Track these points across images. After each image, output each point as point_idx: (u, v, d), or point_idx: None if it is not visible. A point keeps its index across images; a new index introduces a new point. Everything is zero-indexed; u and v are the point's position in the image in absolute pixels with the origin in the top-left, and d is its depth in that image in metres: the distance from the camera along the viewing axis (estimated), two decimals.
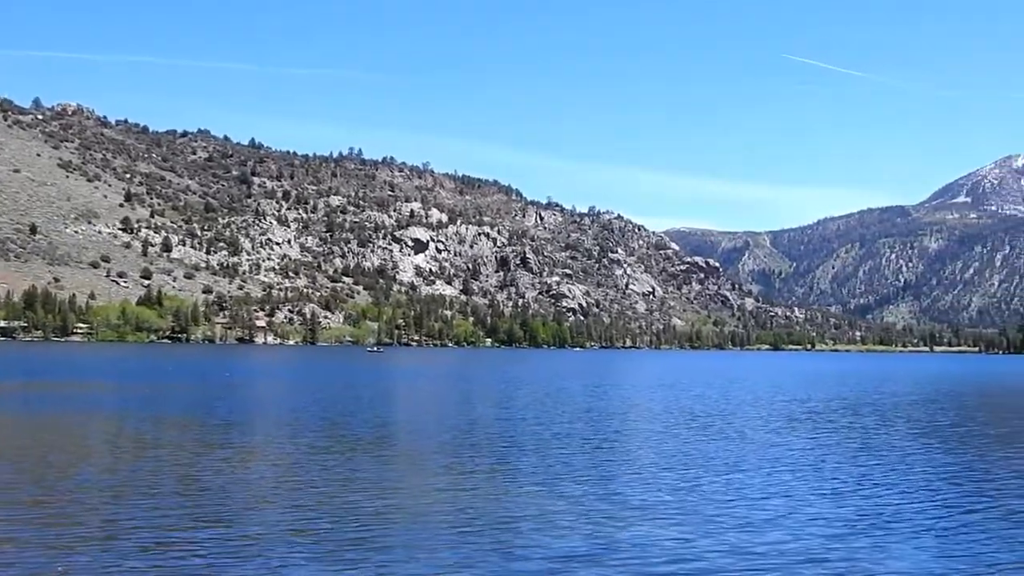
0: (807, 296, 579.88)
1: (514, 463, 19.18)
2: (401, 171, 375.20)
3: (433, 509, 14.13)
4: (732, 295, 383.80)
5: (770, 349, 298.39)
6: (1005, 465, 20.08)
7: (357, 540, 12.08)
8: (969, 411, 37.50)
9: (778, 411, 34.50)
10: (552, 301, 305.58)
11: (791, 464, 19.62)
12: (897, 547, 12.03)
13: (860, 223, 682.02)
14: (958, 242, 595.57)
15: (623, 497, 15.36)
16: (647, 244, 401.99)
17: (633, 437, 24.66)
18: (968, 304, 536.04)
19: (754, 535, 12.68)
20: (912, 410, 37.31)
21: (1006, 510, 14.67)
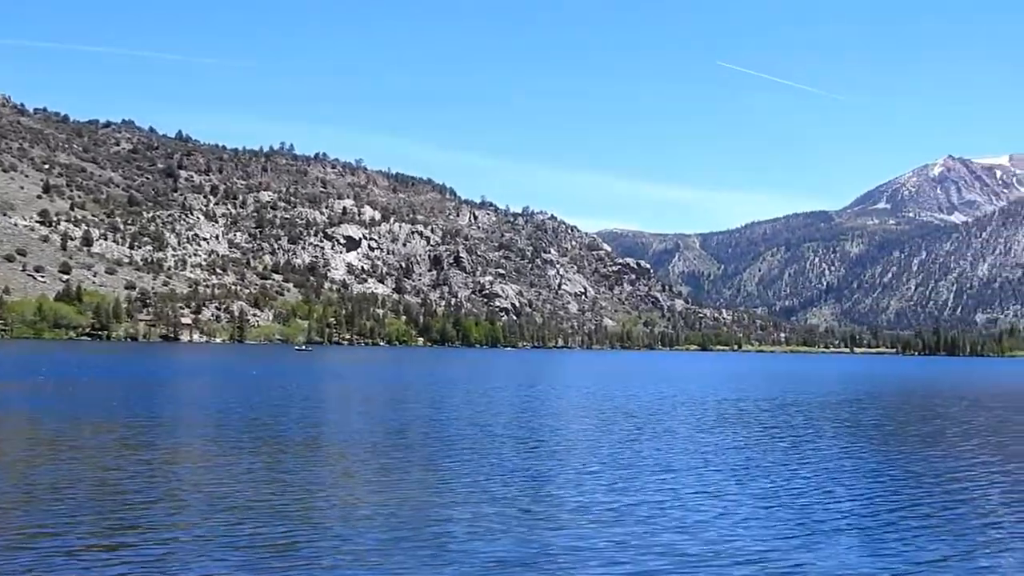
0: (735, 298, 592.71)
1: (447, 464, 18.90)
2: (334, 168, 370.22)
3: (363, 513, 13.78)
4: (662, 296, 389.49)
5: (698, 349, 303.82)
6: (928, 464, 20.64)
7: (284, 546, 11.69)
8: (891, 411, 38.64)
9: (709, 411, 34.96)
10: (485, 301, 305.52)
11: (723, 464, 19.79)
12: (828, 546, 12.16)
13: (786, 227, 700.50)
14: (878, 247, 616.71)
15: (558, 499, 15.24)
16: (580, 245, 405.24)
17: (567, 438, 24.61)
18: (886, 307, 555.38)
19: (689, 536, 12.69)
20: (838, 410, 38.25)
21: (931, 509, 15.01)
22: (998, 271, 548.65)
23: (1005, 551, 12.09)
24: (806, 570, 11.02)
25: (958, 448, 23.86)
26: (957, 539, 12.74)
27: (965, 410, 39.62)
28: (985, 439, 26.45)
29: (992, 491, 16.88)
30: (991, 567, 11.26)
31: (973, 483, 17.82)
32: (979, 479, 18.36)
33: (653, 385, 56.52)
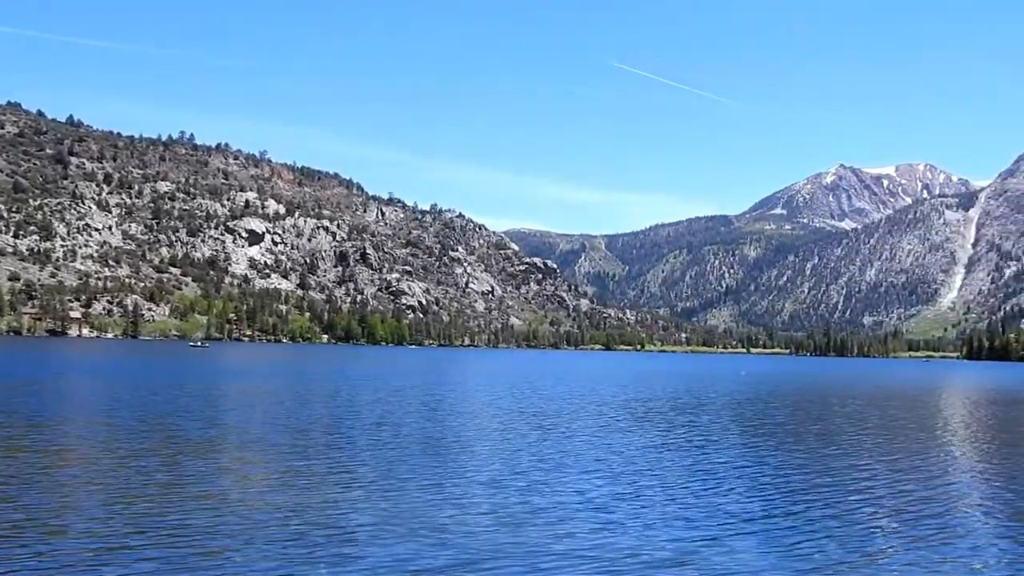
0: (638, 298, 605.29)
1: (351, 466, 18.09)
2: (236, 159, 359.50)
3: (265, 517, 12.90)
4: (568, 296, 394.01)
5: (603, 349, 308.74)
6: (831, 463, 20.96)
7: (179, 554, 10.78)
8: (792, 410, 39.58)
9: (617, 410, 35.03)
10: (392, 298, 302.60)
11: (634, 464, 19.61)
12: (742, 547, 11.99)
13: (688, 230, 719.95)
14: (774, 251, 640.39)
15: (467, 501, 14.68)
16: (487, 244, 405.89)
17: (476, 438, 24.06)
18: (781, 309, 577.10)
19: (603, 538, 12.32)
20: (741, 409, 38.95)
21: (838, 508, 15.10)
22: (884, 276, 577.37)
23: (909, 547, 12.18)
24: (721, 570, 10.81)
25: (859, 446, 24.43)
26: (864, 536, 12.79)
27: (860, 408, 40.98)
28: (881, 437, 27.22)
29: (893, 488, 17.18)
30: (895, 563, 11.29)
31: (875, 480, 18.14)
32: (881, 476, 18.73)
33: (560, 384, 56.63)
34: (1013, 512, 15.02)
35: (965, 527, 13.66)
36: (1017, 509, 15.29)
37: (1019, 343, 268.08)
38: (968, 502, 15.90)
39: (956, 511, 14.95)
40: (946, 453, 23.63)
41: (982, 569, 11.26)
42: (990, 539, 12.90)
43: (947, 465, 21.07)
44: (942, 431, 30.89)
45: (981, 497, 16.49)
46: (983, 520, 14.27)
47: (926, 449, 24.35)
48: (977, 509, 15.22)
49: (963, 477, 19.27)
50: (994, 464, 21.58)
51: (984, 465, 21.38)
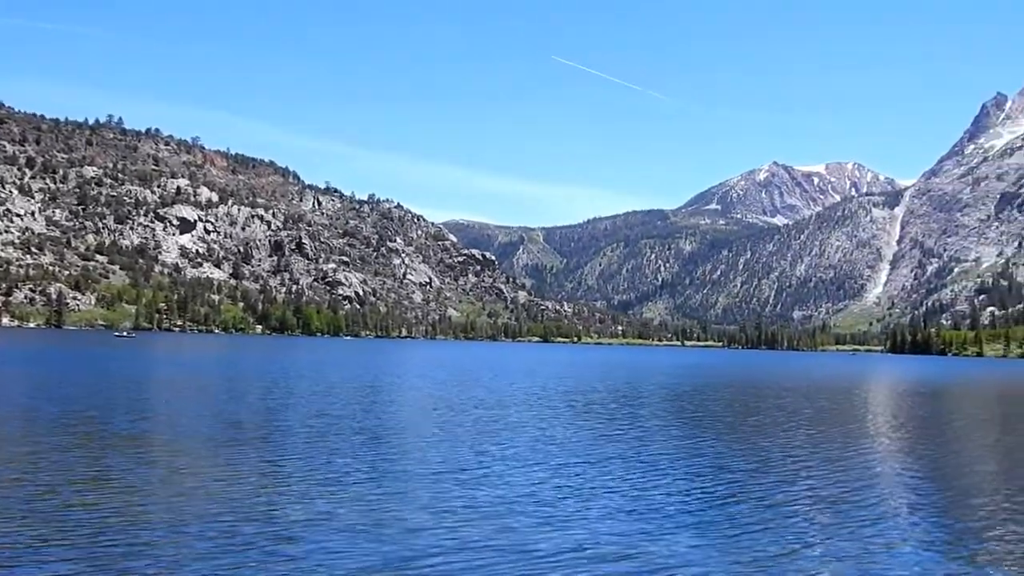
0: (576, 291, 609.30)
1: (289, 460, 17.60)
2: (167, 144, 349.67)
3: (196, 513, 12.41)
4: (506, 288, 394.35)
5: (540, 341, 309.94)
6: (771, 454, 21.23)
7: (105, 552, 10.29)
8: (729, 402, 40.16)
9: (557, 402, 35.03)
10: (328, 288, 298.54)
11: (575, 457, 19.55)
12: (684, 540, 11.99)
13: (625, 224, 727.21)
14: (709, 246, 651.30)
15: (407, 496, 14.39)
16: (426, 234, 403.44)
17: (415, 431, 23.72)
18: (715, 303, 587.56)
19: (546, 533, 12.19)
20: (680, 401, 39.34)
21: (778, 500, 15.25)
22: (813, 271, 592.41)
23: (843, 537, 12.34)
24: (662, 563, 10.77)
25: (794, 438, 24.83)
26: (801, 527, 12.92)
27: (794, 401, 41.81)
28: (815, 428, 27.74)
29: (828, 479, 17.45)
30: (830, 553, 11.42)
31: (811, 471, 18.42)
32: (816, 467, 19.02)
33: (500, 376, 56.49)
34: (939, 499, 15.40)
35: (894, 515, 13.92)
36: (940, 496, 15.69)
37: (939, 337, 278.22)
38: (897, 491, 16.24)
39: (887, 500, 15.24)
40: (877, 444, 24.21)
41: (911, 554, 11.47)
42: (917, 526, 13.17)
43: (878, 456, 21.55)
44: (871, 422, 31.68)
45: (909, 486, 16.87)
46: (911, 509, 14.57)
47: (857, 440, 24.90)
48: (905, 498, 15.55)
49: (893, 467, 19.72)
50: (921, 454, 22.17)
51: (911, 455, 21.95)
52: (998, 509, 14.68)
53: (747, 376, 72.27)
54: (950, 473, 18.88)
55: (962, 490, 16.73)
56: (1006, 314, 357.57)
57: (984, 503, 15.23)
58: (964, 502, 15.40)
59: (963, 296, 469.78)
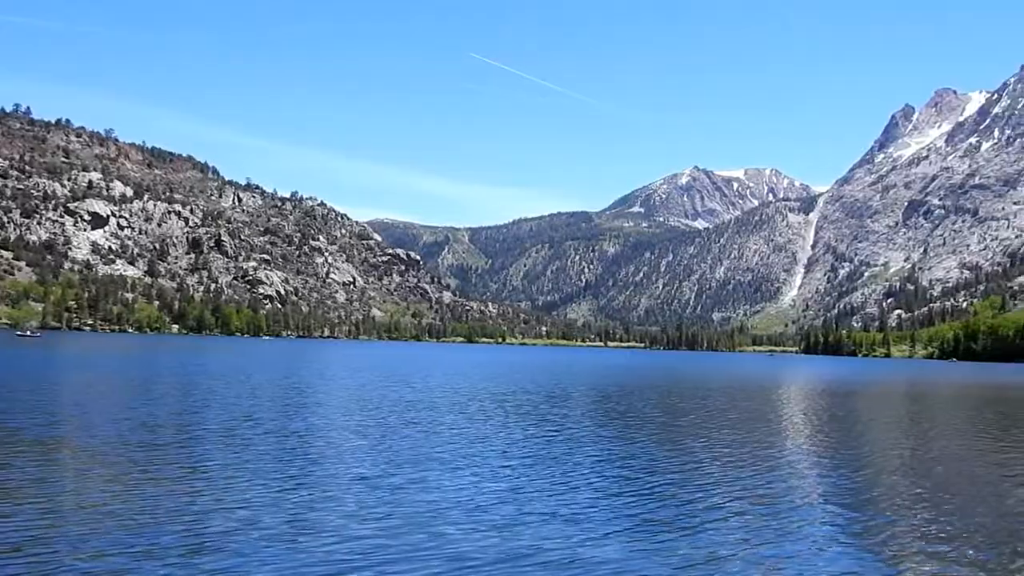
0: (500, 292, 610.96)
1: (208, 465, 16.74)
2: (79, 136, 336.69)
3: (109, 523, 11.59)
4: (431, 288, 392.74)
5: (464, 341, 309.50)
6: (702, 455, 21.25)
7: (10, 565, 9.46)
8: (657, 402, 40.38)
9: (488, 403, 34.63)
10: (248, 287, 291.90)
11: (507, 459, 19.20)
12: (614, 544, 11.76)
13: (550, 225, 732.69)
14: (632, 248, 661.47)
15: (333, 502, 13.79)
16: (350, 233, 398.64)
17: (343, 433, 22.97)
18: (638, 304, 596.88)
19: (477, 538, 11.79)
20: (609, 401, 39.39)
21: (710, 502, 15.17)
22: (732, 274, 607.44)
23: (775, 539, 12.30)
24: (600, 568, 10.51)
25: (725, 437, 24.99)
26: (738, 528, 12.84)
27: (721, 401, 42.39)
28: (744, 428, 28.03)
29: (759, 479, 17.50)
30: (766, 554, 11.34)
31: (742, 472, 18.45)
32: (748, 467, 19.08)
33: (426, 377, 55.78)
34: (860, 495, 15.56)
35: (821, 513, 13.99)
36: (862, 492, 15.88)
37: (850, 339, 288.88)
38: (822, 489, 16.38)
39: (812, 498, 15.34)
40: (802, 443, 24.58)
41: (839, 553, 11.47)
42: (843, 524, 13.24)
43: (803, 455, 21.86)
44: (795, 422, 32.26)
45: (835, 484, 17.04)
46: (838, 506, 14.67)
47: (783, 439, 25.26)
48: (831, 496, 15.66)
49: (817, 466, 19.98)
50: (842, 452, 22.55)
51: (833, 453, 22.29)
52: (915, 503, 14.92)
53: (672, 377, 73.24)
54: (870, 470, 19.20)
55: (881, 486, 16.97)
56: (912, 316, 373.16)
57: (902, 498, 15.46)
58: (884, 498, 15.59)
59: (872, 299, 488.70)
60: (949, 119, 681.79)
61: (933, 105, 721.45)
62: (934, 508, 14.87)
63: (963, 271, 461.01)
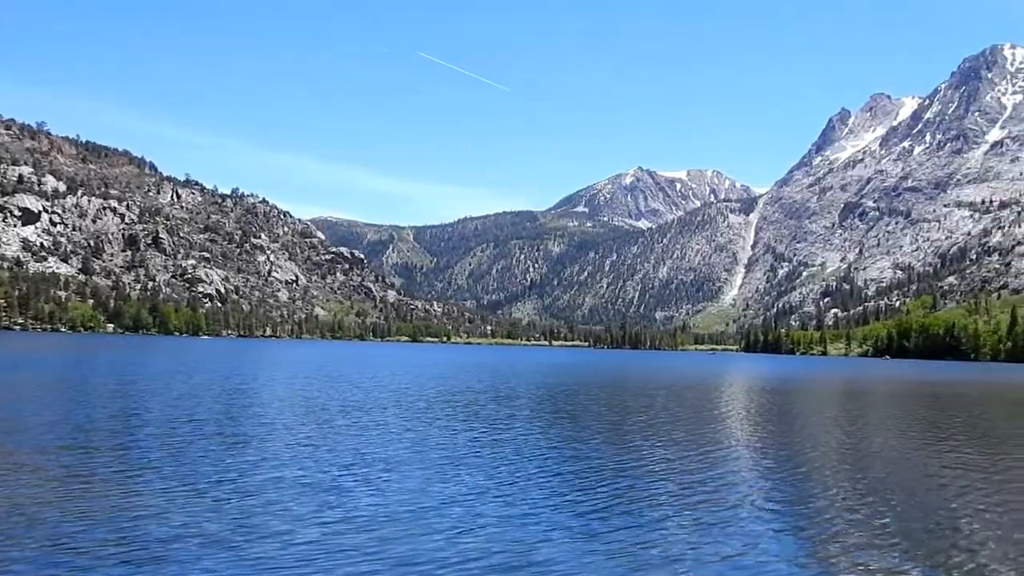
0: (445, 291, 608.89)
1: (148, 470, 16.19)
2: (8, 129, 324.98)
3: (42, 533, 11.08)
4: (375, 287, 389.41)
5: (409, 341, 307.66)
6: (653, 453, 21.32)
7: None
8: (606, 401, 40.54)
9: (438, 403, 34.33)
10: (187, 286, 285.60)
11: (458, 460, 19.01)
12: (568, 545, 11.68)
13: (495, 224, 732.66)
14: (576, 247, 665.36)
15: (283, 506, 13.44)
16: (292, 231, 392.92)
17: (290, 435, 22.46)
18: (582, 303, 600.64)
19: (430, 542, 11.60)
20: (558, 401, 39.39)
21: (660, 502, 15.19)
22: (675, 273, 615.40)
23: (735, 539, 12.36)
24: (550, 570, 10.42)
25: (676, 436, 25.15)
26: (691, 528, 12.87)
27: (668, 399, 42.78)
28: (693, 426, 28.26)
29: (715, 479, 17.62)
30: (714, 552, 11.38)
31: (693, 470, 18.56)
32: (695, 467, 19.20)
33: (372, 376, 55.16)
34: (802, 496, 15.79)
35: (768, 511, 14.13)
36: (802, 492, 16.12)
37: (788, 337, 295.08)
38: (769, 486, 16.56)
39: (751, 496, 15.49)
40: (745, 441, 24.89)
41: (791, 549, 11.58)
42: (782, 524, 13.39)
43: (746, 453, 22.13)
44: (741, 419, 32.70)
45: (784, 481, 17.25)
46: (785, 503, 14.85)
47: (729, 439, 25.54)
48: (780, 492, 15.85)
49: (764, 462, 20.20)
50: (789, 449, 22.91)
51: (776, 451, 22.63)
52: (853, 498, 15.19)
53: (618, 375, 73.74)
54: (809, 467, 19.49)
55: (820, 482, 17.23)
56: (848, 316, 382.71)
57: (840, 493, 15.73)
58: (823, 494, 15.82)
59: (810, 298, 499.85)
60: (883, 123, 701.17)
61: (868, 109, 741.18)
62: (871, 502, 15.15)
63: (896, 271, 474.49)
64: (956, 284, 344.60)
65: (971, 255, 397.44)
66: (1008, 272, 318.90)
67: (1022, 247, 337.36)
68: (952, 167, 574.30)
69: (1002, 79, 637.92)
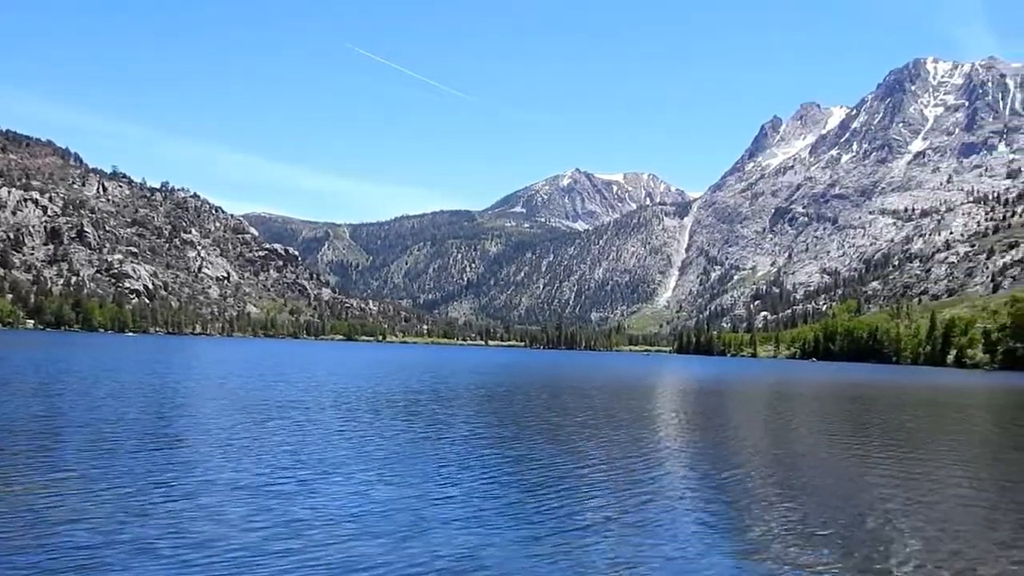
0: (382, 289, 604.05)
1: (73, 476, 15.50)
2: None
3: None
4: (310, 284, 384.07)
5: (344, 339, 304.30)
6: (596, 455, 21.34)
7: None
8: (547, 401, 40.55)
9: (377, 403, 33.84)
10: (113, 281, 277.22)
11: (398, 462, 18.68)
12: (513, 548, 11.57)
13: (432, 223, 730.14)
14: (514, 248, 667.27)
15: (217, 513, 13.00)
16: (224, 227, 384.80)
17: (223, 438, 21.80)
18: (519, 304, 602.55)
19: (374, 547, 11.34)
20: (500, 401, 39.25)
21: (605, 503, 15.19)
22: (610, 275, 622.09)
23: (670, 541, 12.41)
24: (498, 572, 10.31)
25: (619, 437, 25.22)
26: (640, 530, 12.88)
27: (607, 400, 43.03)
28: (634, 427, 28.43)
29: (643, 478, 17.68)
30: (650, 553, 11.41)
31: (637, 471, 18.61)
32: (635, 467, 19.27)
33: (308, 376, 54.21)
34: (733, 494, 16.01)
35: (691, 510, 14.27)
36: (733, 490, 16.35)
37: (720, 339, 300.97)
38: (697, 487, 16.73)
39: (685, 495, 15.63)
40: (678, 441, 25.14)
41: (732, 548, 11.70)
42: (713, 521, 13.54)
43: (680, 452, 22.33)
44: (673, 421, 33.07)
45: (709, 481, 17.44)
46: (710, 502, 15.01)
47: (663, 439, 25.75)
48: (705, 492, 16.02)
49: (693, 463, 20.42)
50: (717, 449, 23.22)
51: (707, 450, 22.92)
52: (779, 495, 15.46)
53: (556, 376, 73.99)
54: (741, 467, 19.77)
55: (750, 481, 17.49)
56: (777, 318, 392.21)
57: (769, 491, 15.99)
58: (751, 492, 16.06)
59: (741, 301, 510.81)
60: (813, 131, 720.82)
61: (799, 118, 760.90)
62: (798, 501, 15.43)
63: (823, 276, 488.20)
64: (879, 289, 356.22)
65: (894, 261, 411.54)
66: (928, 278, 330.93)
67: (942, 254, 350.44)
68: (877, 176, 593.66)
69: (925, 92, 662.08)
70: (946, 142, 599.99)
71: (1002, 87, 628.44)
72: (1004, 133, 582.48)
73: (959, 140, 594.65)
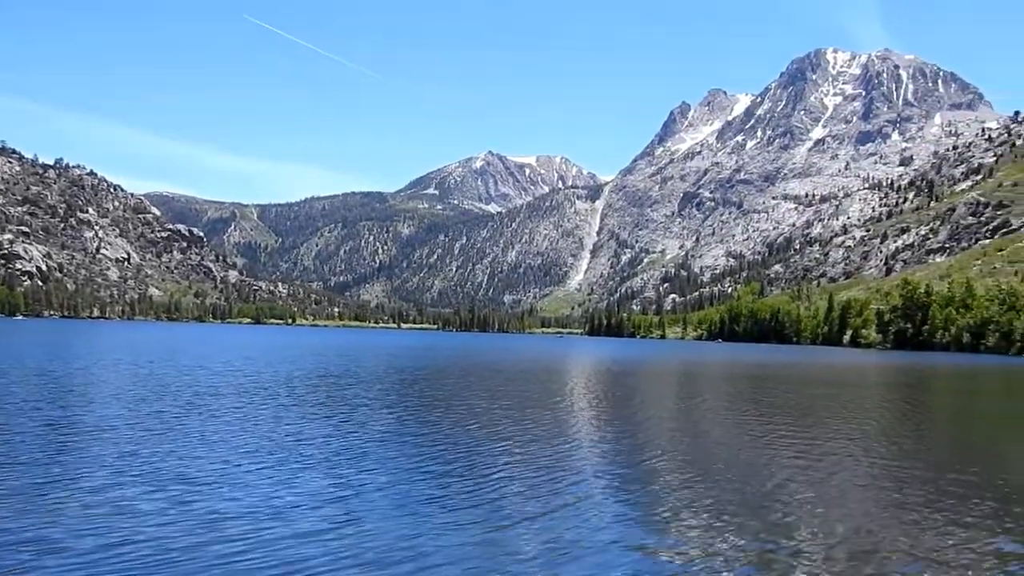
0: (291, 271, 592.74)
1: None
2: None
3: None
4: (216, 266, 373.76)
5: (252, 323, 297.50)
6: (522, 439, 21.35)
7: None
8: (470, 385, 40.44)
9: (291, 388, 33.05)
10: (3, 262, 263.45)
11: (323, 451, 18.27)
12: (453, 539, 11.45)
13: (344, 205, 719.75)
14: (426, 230, 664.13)
15: (128, 509, 12.43)
16: (124, 206, 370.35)
17: (131, 427, 20.86)
18: (431, 286, 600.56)
19: (301, 544, 11.03)
20: (421, 384, 38.95)
21: (540, 492, 15.19)
22: (523, 257, 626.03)
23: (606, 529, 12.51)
24: (432, 563, 10.18)
25: (543, 420, 25.30)
26: (550, 514, 12.91)
27: (529, 384, 43.22)
28: (559, 410, 28.60)
29: (568, 463, 17.80)
30: (567, 539, 11.49)
31: (551, 455, 18.70)
32: (557, 450, 19.38)
33: (217, 361, 52.61)
34: (642, 474, 16.31)
35: (604, 492, 14.45)
36: (642, 471, 16.66)
37: (630, 321, 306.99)
38: (608, 468, 16.95)
39: (599, 477, 15.83)
40: (591, 423, 25.44)
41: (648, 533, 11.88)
42: (623, 502, 13.75)
43: (592, 435, 22.61)
44: (586, 402, 33.46)
45: (620, 461, 17.71)
46: (620, 483, 15.24)
47: (577, 421, 26.03)
48: (615, 473, 16.25)
49: (604, 445, 20.69)
50: (627, 429, 23.62)
51: (618, 430, 23.28)
52: (688, 474, 15.82)
53: (475, 359, 73.88)
54: (650, 447, 20.16)
55: (658, 461, 17.85)
56: (685, 300, 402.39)
57: (675, 471, 16.34)
58: (658, 473, 16.39)
59: (651, 284, 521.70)
60: (720, 117, 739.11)
61: (706, 104, 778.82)
62: (708, 481, 15.80)
63: (729, 259, 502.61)
64: (781, 272, 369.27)
65: (795, 245, 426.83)
66: (826, 262, 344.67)
67: (839, 239, 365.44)
68: (780, 162, 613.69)
69: (825, 81, 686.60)
70: (844, 130, 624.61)
71: (896, 78, 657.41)
72: (897, 122, 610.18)
73: (856, 128, 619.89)
